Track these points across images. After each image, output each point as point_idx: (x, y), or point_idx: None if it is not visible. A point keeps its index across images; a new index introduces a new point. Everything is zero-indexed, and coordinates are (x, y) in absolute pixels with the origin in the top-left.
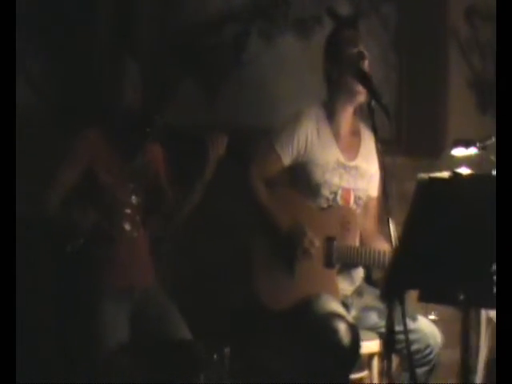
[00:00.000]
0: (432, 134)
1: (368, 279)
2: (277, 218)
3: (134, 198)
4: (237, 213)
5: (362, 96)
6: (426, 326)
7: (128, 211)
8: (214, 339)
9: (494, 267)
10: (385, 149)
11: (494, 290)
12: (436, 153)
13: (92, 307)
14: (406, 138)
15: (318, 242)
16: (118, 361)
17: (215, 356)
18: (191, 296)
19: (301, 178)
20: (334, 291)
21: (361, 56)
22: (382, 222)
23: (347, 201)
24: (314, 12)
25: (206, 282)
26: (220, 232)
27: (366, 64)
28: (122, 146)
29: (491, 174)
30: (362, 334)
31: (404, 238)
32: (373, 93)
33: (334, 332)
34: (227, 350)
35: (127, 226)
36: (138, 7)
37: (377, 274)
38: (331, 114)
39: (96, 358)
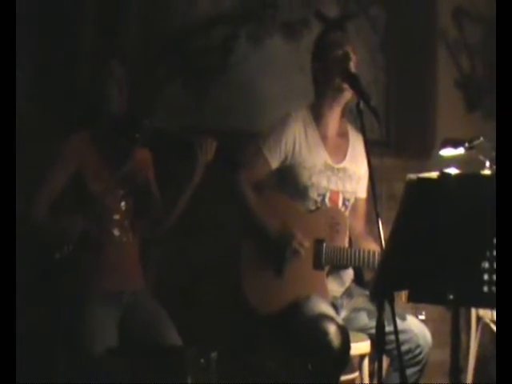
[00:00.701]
0: (421, 134)
1: (358, 280)
2: (265, 222)
3: (123, 204)
4: (225, 216)
5: (349, 94)
6: (416, 326)
7: (117, 217)
8: (202, 343)
9: (485, 265)
10: (373, 150)
11: (484, 288)
12: (425, 153)
13: (81, 312)
14: (395, 138)
15: (307, 243)
16: (106, 365)
17: (202, 360)
18: (180, 300)
19: (289, 181)
20: (323, 293)
21: (347, 57)
22: (372, 223)
23: (335, 203)
24: (301, 15)
25: (194, 286)
26: (208, 236)
27: (352, 65)
28: (110, 151)
29: (480, 173)
30: (352, 335)
31: (393, 238)
32: (361, 94)
33: (324, 334)
34: (214, 355)
35: (116, 232)
36: (125, 9)
37: (367, 275)
38: (318, 117)
39: (85, 363)
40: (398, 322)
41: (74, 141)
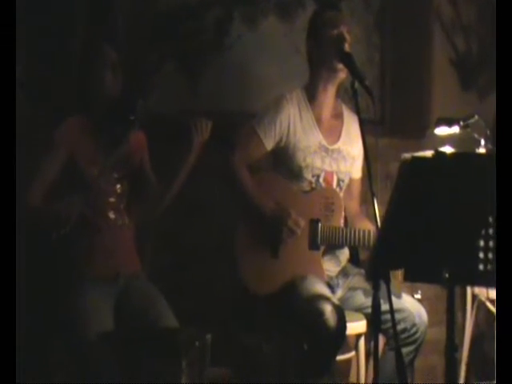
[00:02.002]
0: (416, 113)
1: (354, 260)
2: (260, 202)
3: (118, 186)
4: (220, 198)
5: (343, 74)
6: (412, 305)
7: (112, 200)
8: (198, 325)
9: (480, 243)
10: (368, 130)
11: (480, 267)
12: (420, 133)
13: (76, 295)
14: (390, 118)
15: (302, 222)
16: (101, 347)
17: (197, 343)
18: (176, 282)
19: (283, 162)
20: (319, 273)
21: (342, 37)
22: (367, 203)
23: (330, 183)
24: None
25: (190, 268)
26: (204, 217)
27: (347, 45)
28: (104, 135)
29: (474, 152)
30: (348, 314)
31: (388, 217)
32: (356, 74)
33: (320, 314)
34: (209, 337)
35: (111, 215)
36: None
37: (363, 255)
38: (313, 98)
39: (80, 345)
40: (394, 300)
41: (66, 126)
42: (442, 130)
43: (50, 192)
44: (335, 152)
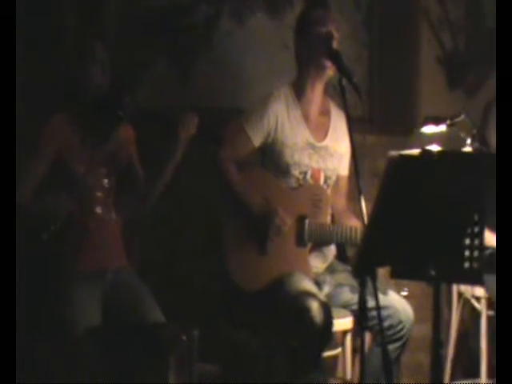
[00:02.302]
0: (403, 111)
1: (340, 256)
2: (248, 199)
3: (105, 181)
4: (208, 193)
5: (331, 72)
6: (398, 302)
7: (99, 194)
8: (185, 321)
9: (466, 241)
10: (356, 127)
11: (465, 264)
12: (407, 130)
13: (64, 290)
14: (378, 116)
15: (289, 220)
16: (88, 342)
17: (184, 338)
18: (163, 277)
19: (271, 159)
20: (306, 269)
21: (330, 35)
22: (355, 200)
23: (317, 180)
24: None
25: (178, 263)
26: (191, 212)
27: (335, 43)
28: (92, 130)
29: (461, 150)
30: (335, 311)
31: (375, 214)
32: (344, 71)
33: (306, 311)
34: (196, 332)
35: (98, 210)
36: None
37: (350, 251)
38: (301, 95)
39: (67, 340)
40: (381, 297)
41: (53, 123)
42: (429, 129)
43: (39, 189)
44: (322, 149)
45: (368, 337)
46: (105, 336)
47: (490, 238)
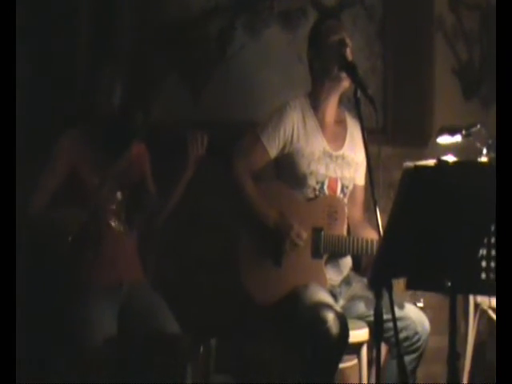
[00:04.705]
0: (418, 122)
1: (356, 268)
2: (263, 212)
3: (119, 194)
4: (224, 206)
5: (346, 82)
6: (414, 314)
7: (113, 207)
8: (202, 332)
9: (483, 252)
10: (371, 138)
11: (482, 275)
12: (423, 141)
13: (80, 303)
14: (393, 126)
15: (305, 235)
16: (105, 355)
17: (201, 348)
18: (179, 290)
19: (287, 169)
20: (322, 281)
21: (342, 43)
22: (370, 211)
23: (334, 190)
24: (299, 4)
25: (193, 276)
26: (207, 226)
27: (348, 52)
28: (106, 146)
29: (476, 160)
30: (351, 323)
31: (391, 226)
32: (359, 83)
33: (323, 322)
34: (213, 341)
35: (113, 223)
36: (121, 3)
37: (366, 263)
38: (316, 104)
39: (84, 353)
40: (396, 309)
41: (66, 139)
42: (444, 139)
43: (53, 202)
44: (339, 158)
45: (384, 348)
46: (121, 348)
47: None
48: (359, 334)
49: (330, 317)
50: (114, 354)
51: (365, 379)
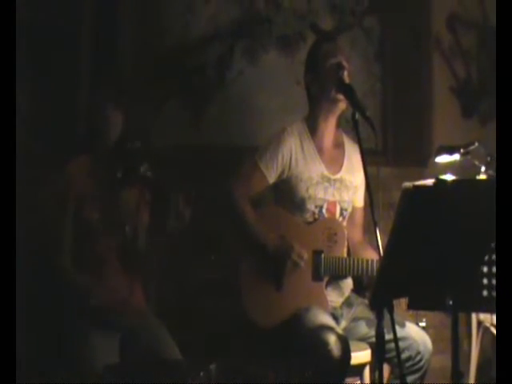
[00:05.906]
0: (417, 142)
1: (357, 289)
2: (263, 236)
3: (127, 228)
4: (224, 232)
5: (343, 105)
6: (416, 333)
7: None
8: (203, 357)
9: (484, 269)
10: (370, 159)
11: (483, 293)
12: (422, 161)
13: (83, 331)
14: (392, 147)
15: (306, 255)
16: (106, 381)
17: (201, 373)
18: (180, 314)
19: (286, 194)
20: (323, 304)
21: (340, 66)
22: (370, 232)
23: (333, 213)
24: (297, 28)
25: (194, 301)
26: (207, 251)
27: (345, 74)
28: (106, 178)
29: (475, 178)
30: (353, 344)
31: (391, 246)
32: (356, 105)
33: (325, 344)
34: (213, 367)
35: (114, 257)
36: (120, 31)
37: (367, 283)
38: (314, 128)
39: (84, 380)
40: (398, 329)
41: (71, 170)
42: (443, 158)
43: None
44: (338, 181)
45: (386, 369)
46: (122, 374)
47: None
48: (361, 355)
49: (332, 339)
50: (114, 379)
51: None
